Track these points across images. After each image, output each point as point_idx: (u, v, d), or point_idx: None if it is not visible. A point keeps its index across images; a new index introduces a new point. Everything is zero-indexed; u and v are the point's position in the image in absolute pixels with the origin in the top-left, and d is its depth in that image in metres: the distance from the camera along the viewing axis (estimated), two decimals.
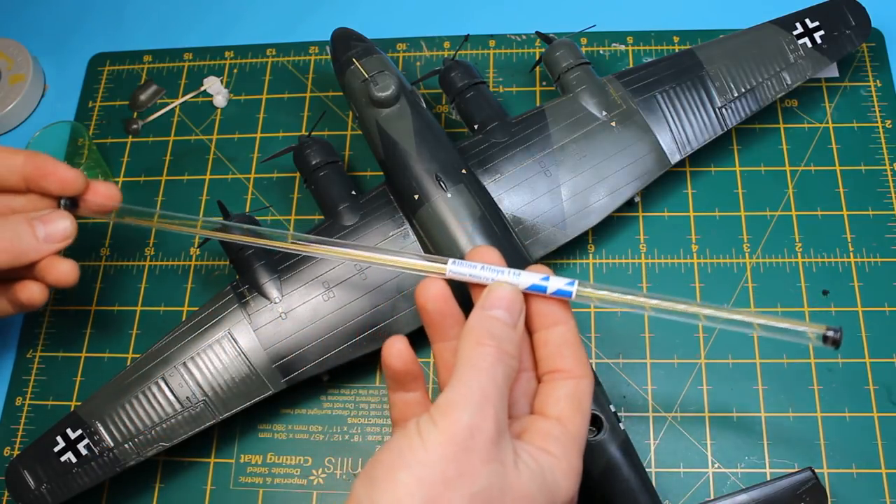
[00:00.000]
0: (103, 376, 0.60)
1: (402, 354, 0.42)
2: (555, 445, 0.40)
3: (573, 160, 0.59)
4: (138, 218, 0.52)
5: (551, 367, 0.42)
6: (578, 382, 0.42)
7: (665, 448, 0.55)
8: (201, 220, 0.51)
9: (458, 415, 0.37)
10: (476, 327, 0.40)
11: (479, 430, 0.36)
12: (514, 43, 0.70)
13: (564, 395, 0.41)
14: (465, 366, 0.39)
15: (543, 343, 0.43)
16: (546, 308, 0.43)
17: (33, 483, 0.53)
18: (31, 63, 0.72)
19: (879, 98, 0.65)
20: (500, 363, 0.39)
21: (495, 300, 0.41)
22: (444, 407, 0.37)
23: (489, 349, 0.39)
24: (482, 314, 0.41)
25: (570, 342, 0.42)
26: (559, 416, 0.41)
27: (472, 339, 0.40)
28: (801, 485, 0.49)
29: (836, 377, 0.56)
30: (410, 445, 0.36)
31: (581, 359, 0.42)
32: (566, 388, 0.41)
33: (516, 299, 0.42)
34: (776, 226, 0.61)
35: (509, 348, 0.40)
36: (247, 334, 0.55)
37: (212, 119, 0.70)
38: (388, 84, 0.57)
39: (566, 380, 0.42)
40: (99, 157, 0.67)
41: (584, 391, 0.42)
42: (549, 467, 0.39)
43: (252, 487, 0.57)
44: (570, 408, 0.41)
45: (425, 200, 0.55)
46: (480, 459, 0.36)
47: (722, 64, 0.61)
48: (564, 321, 0.43)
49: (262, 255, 0.57)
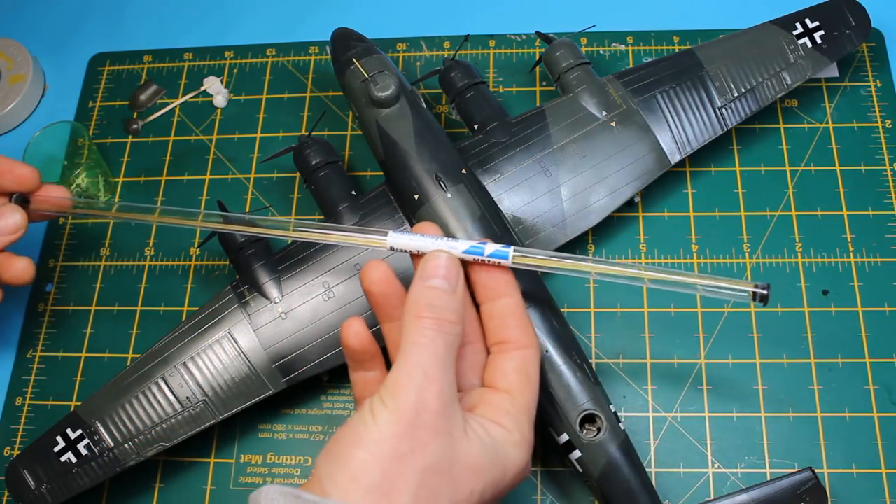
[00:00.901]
0: (103, 376, 0.60)
1: (359, 335, 0.44)
2: (506, 418, 0.41)
3: (573, 160, 0.59)
4: (96, 210, 0.54)
5: (498, 339, 0.44)
6: (525, 353, 0.43)
7: (665, 448, 0.55)
8: (159, 209, 0.52)
9: (403, 394, 0.38)
10: (415, 300, 0.41)
11: (424, 406, 0.38)
12: (514, 43, 0.70)
13: (512, 368, 0.43)
14: (406, 343, 0.40)
15: (489, 316, 0.44)
16: (490, 281, 0.44)
17: (33, 483, 0.53)
18: (31, 63, 0.72)
19: (879, 98, 0.65)
20: (440, 333, 0.40)
21: (432, 269, 0.42)
22: (391, 387, 0.39)
23: (428, 321, 0.40)
24: (420, 285, 0.42)
25: (515, 313, 0.44)
26: (508, 388, 0.42)
27: (411, 314, 0.41)
28: (801, 485, 0.49)
29: (836, 377, 0.56)
30: (365, 424, 0.38)
31: (526, 329, 0.44)
32: (514, 360, 0.43)
33: (452, 265, 0.42)
34: (776, 226, 0.61)
35: (449, 316, 0.41)
36: (247, 334, 0.55)
37: (212, 119, 0.70)
38: (388, 84, 0.57)
39: (513, 351, 0.43)
40: (99, 157, 0.67)
41: (531, 362, 0.43)
42: (500, 439, 0.41)
43: (252, 487, 0.57)
44: (519, 380, 0.43)
45: (425, 200, 0.55)
46: (429, 434, 0.38)
47: (722, 64, 0.61)
48: (508, 293, 0.44)
49: (262, 255, 0.57)
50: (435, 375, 0.39)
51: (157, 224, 0.55)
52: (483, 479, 0.40)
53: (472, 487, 0.39)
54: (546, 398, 0.51)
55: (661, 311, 0.59)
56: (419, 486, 0.37)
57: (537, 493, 0.55)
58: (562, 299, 0.59)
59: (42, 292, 0.65)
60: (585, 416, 0.50)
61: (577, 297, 0.60)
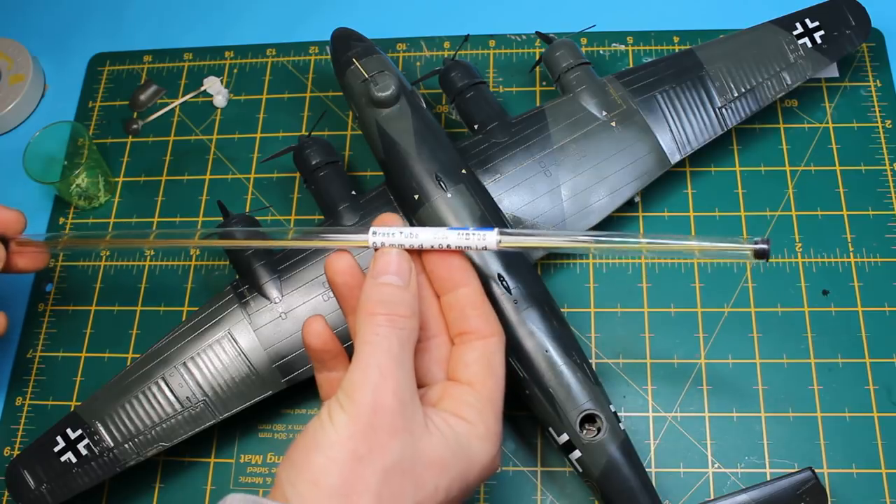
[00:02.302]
0: (103, 376, 0.60)
1: (320, 334, 0.43)
2: (468, 411, 0.41)
3: (573, 160, 0.59)
4: (86, 240, 0.54)
5: (460, 330, 0.43)
6: (487, 343, 0.42)
7: (665, 448, 0.55)
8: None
9: (358, 395, 0.38)
10: (367, 298, 0.41)
11: (380, 406, 0.38)
12: (514, 43, 0.70)
13: (474, 359, 0.42)
14: (360, 342, 0.40)
15: (449, 307, 0.43)
16: (446, 271, 0.43)
17: (33, 483, 0.53)
18: (31, 63, 0.72)
19: (879, 98, 0.65)
20: (394, 330, 0.39)
21: (382, 266, 0.42)
22: (346, 388, 0.38)
23: (381, 318, 0.40)
24: (371, 283, 0.41)
25: (474, 303, 0.43)
26: (470, 381, 0.42)
27: (364, 312, 0.40)
28: (801, 485, 0.49)
29: (836, 377, 0.56)
30: (323, 428, 0.38)
31: (487, 317, 0.43)
32: (476, 350, 0.42)
33: (403, 260, 0.42)
34: (776, 226, 0.61)
35: (402, 310, 0.40)
36: (247, 334, 0.55)
37: (212, 119, 0.70)
38: (388, 84, 0.57)
39: (474, 341, 0.42)
40: (99, 157, 0.67)
41: (493, 351, 0.43)
42: (463, 433, 0.40)
43: (252, 487, 0.57)
44: (482, 371, 0.42)
45: (425, 200, 0.55)
46: (387, 433, 0.38)
47: (722, 64, 0.61)
48: (466, 282, 0.43)
49: (262, 255, 0.57)
50: (390, 373, 0.38)
51: (151, 247, 0.55)
52: (447, 474, 0.39)
53: (436, 484, 0.39)
54: (546, 398, 0.51)
55: (661, 311, 0.59)
56: (380, 486, 0.37)
57: (537, 493, 0.55)
58: (562, 299, 0.59)
59: (42, 292, 0.65)
60: (585, 416, 0.50)
61: (577, 297, 0.60)
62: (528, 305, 0.52)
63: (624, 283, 0.60)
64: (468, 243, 0.42)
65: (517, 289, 0.52)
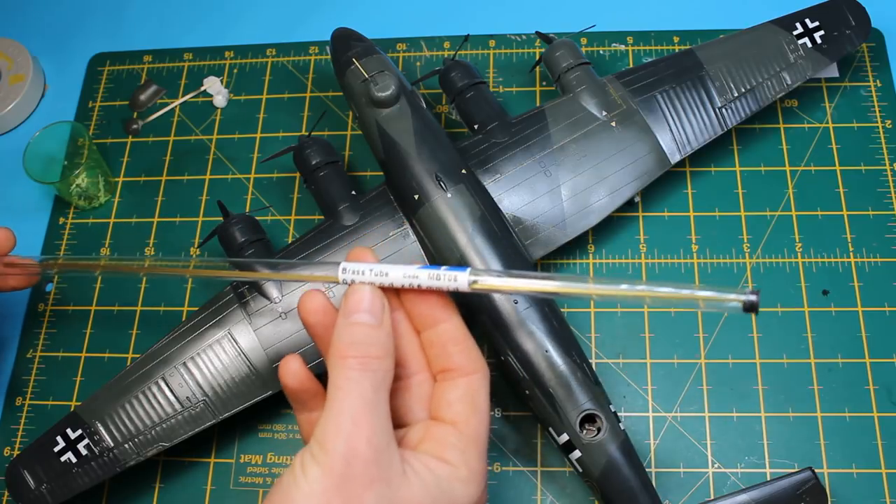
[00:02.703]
0: (103, 376, 0.60)
1: (297, 374, 0.41)
2: (451, 452, 0.39)
3: (573, 160, 0.59)
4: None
5: (441, 367, 0.41)
6: (470, 380, 0.40)
7: (665, 448, 0.55)
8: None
9: (331, 445, 0.36)
10: (337, 339, 0.38)
11: (354, 455, 0.36)
12: (514, 43, 0.70)
13: (457, 397, 0.40)
14: (332, 387, 0.37)
15: (429, 344, 0.41)
16: (425, 309, 0.41)
17: (33, 483, 0.53)
18: (31, 63, 0.72)
19: (879, 98, 0.65)
20: (366, 373, 0.37)
21: (354, 304, 0.39)
22: (319, 437, 0.36)
23: (353, 360, 0.38)
24: (343, 323, 0.39)
25: (455, 339, 0.41)
26: (454, 420, 0.40)
27: (335, 354, 0.38)
28: (801, 485, 0.49)
29: (836, 377, 0.56)
30: (296, 483, 0.36)
31: (469, 353, 0.41)
32: (458, 388, 0.40)
33: (376, 297, 0.39)
34: (776, 226, 0.61)
35: (375, 351, 0.38)
36: (247, 334, 0.55)
37: (212, 119, 0.70)
38: (388, 84, 0.57)
39: (457, 378, 0.40)
40: (99, 157, 0.67)
41: (477, 388, 0.40)
42: (445, 477, 0.38)
43: (252, 487, 0.57)
44: (465, 409, 0.40)
45: (425, 200, 0.55)
46: (362, 484, 0.36)
47: (722, 64, 0.61)
48: (446, 318, 0.41)
49: (262, 255, 0.57)
50: (363, 421, 0.36)
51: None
52: None
53: None
54: (546, 398, 0.51)
55: (661, 311, 0.59)
56: None
57: (537, 493, 0.55)
58: (562, 299, 0.59)
59: (42, 292, 0.65)
60: (585, 416, 0.50)
61: None
62: (528, 305, 0.52)
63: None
64: (438, 284, 0.40)
65: None
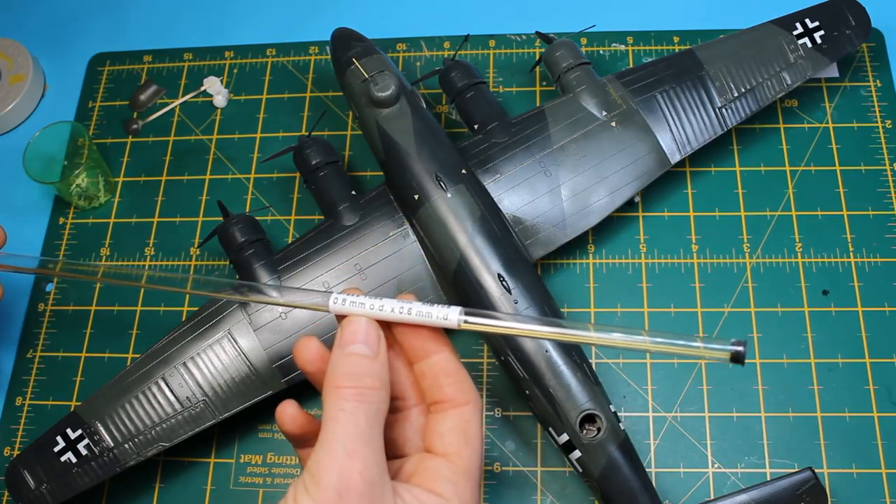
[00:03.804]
0: (103, 376, 0.60)
1: (295, 419, 0.41)
2: (443, 485, 0.39)
3: (573, 160, 0.59)
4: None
5: (434, 399, 0.41)
6: (461, 412, 0.40)
7: (665, 448, 0.55)
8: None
9: (324, 478, 0.36)
10: (333, 370, 0.39)
11: (346, 489, 0.35)
12: (514, 43, 0.70)
13: (449, 429, 0.40)
14: (326, 418, 0.37)
15: (422, 375, 0.41)
16: (417, 341, 0.41)
17: (33, 483, 0.53)
18: (31, 63, 0.72)
19: (879, 98, 0.65)
20: (361, 404, 0.37)
21: (349, 335, 0.39)
22: (312, 469, 0.36)
23: (347, 391, 0.38)
24: (339, 353, 0.39)
25: (447, 370, 0.40)
26: (446, 452, 0.40)
27: (330, 384, 0.38)
28: (801, 485, 0.49)
29: (836, 377, 0.56)
30: None
31: (461, 385, 0.40)
32: (450, 420, 0.40)
33: (372, 328, 0.40)
34: (776, 226, 0.61)
35: (370, 382, 0.38)
36: (247, 334, 0.55)
37: (212, 119, 0.70)
38: (388, 84, 0.57)
39: (449, 410, 0.40)
40: (99, 157, 0.67)
41: (468, 420, 0.40)
42: None
43: (252, 487, 0.57)
44: (457, 441, 0.40)
45: (425, 200, 0.55)
46: None
47: (722, 64, 0.61)
48: (437, 350, 0.41)
49: (262, 255, 0.57)
50: (356, 452, 0.36)
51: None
52: None
53: None
54: (546, 398, 0.51)
55: (661, 311, 0.59)
56: None
57: (537, 493, 0.55)
58: (562, 299, 0.59)
59: (42, 292, 0.65)
60: (585, 416, 0.50)
61: (577, 297, 0.60)
62: (527, 305, 0.52)
63: (624, 283, 0.60)
64: (430, 321, 0.40)
65: (517, 289, 0.52)
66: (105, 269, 0.47)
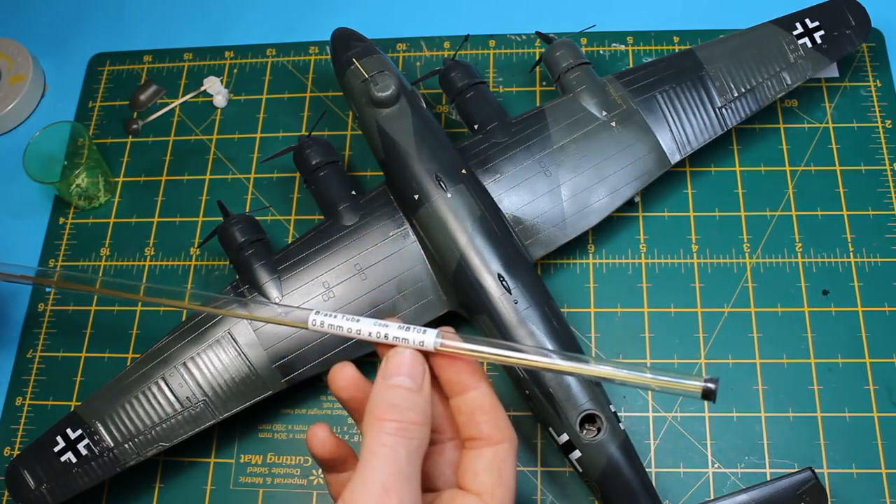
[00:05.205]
0: (103, 376, 0.60)
1: (325, 444, 0.41)
2: None
3: (573, 160, 0.59)
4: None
5: (468, 435, 0.40)
6: (497, 450, 0.40)
7: (665, 448, 0.55)
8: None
9: None
10: (376, 401, 0.38)
11: None
12: (514, 43, 0.70)
13: (483, 468, 0.39)
14: (365, 451, 0.37)
15: (458, 411, 0.41)
16: (454, 375, 0.40)
17: (33, 483, 0.53)
18: (31, 63, 0.72)
19: (879, 98, 0.65)
20: (402, 439, 0.37)
21: (394, 367, 0.39)
22: (348, 502, 0.36)
23: (390, 424, 0.37)
24: (382, 384, 0.39)
25: (483, 407, 0.40)
26: (479, 491, 0.39)
27: (372, 416, 0.38)
28: (801, 485, 0.49)
29: (836, 377, 0.56)
30: None
31: (497, 423, 0.40)
32: (484, 458, 0.40)
33: (416, 361, 0.39)
34: (776, 226, 0.61)
35: (413, 417, 0.38)
36: (247, 334, 0.55)
37: (212, 119, 0.70)
38: (388, 84, 0.57)
39: (484, 448, 0.40)
40: (99, 157, 0.67)
41: (503, 458, 0.40)
42: None
43: (252, 487, 0.57)
44: (491, 480, 0.39)
45: (425, 200, 0.55)
46: None
47: (722, 64, 0.61)
48: (474, 386, 0.40)
49: (262, 255, 0.57)
50: (393, 489, 0.36)
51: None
52: None
53: None
54: (546, 398, 0.51)
55: (661, 311, 0.59)
56: None
57: (537, 493, 0.55)
58: (562, 299, 0.59)
59: (42, 293, 0.65)
60: (585, 416, 0.50)
61: (577, 297, 0.60)
62: (527, 305, 0.52)
63: (624, 283, 0.60)
64: (406, 335, 0.40)
65: (517, 289, 0.52)
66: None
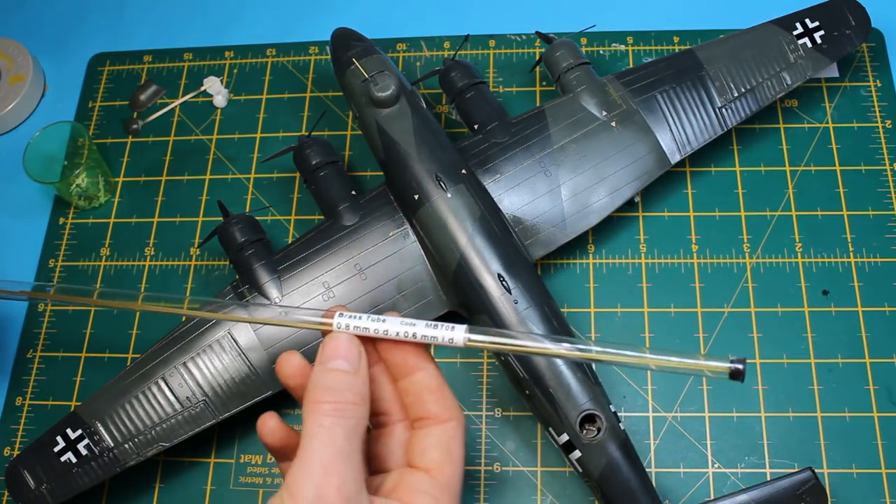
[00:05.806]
0: (103, 376, 0.60)
1: (275, 432, 0.41)
2: (423, 499, 0.39)
3: (573, 160, 0.59)
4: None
5: (417, 415, 0.41)
6: (445, 427, 0.40)
7: (665, 448, 0.55)
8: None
9: (300, 493, 0.36)
10: (314, 385, 0.39)
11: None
12: (514, 43, 0.70)
13: (431, 444, 0.40)
14: (305, 434, 0.37)
15: (405, 392, 0.41)
16: (400, 358, 0.41)
17: (33, 483, 0.53)
18: (31, 63, 0.72)
19: (879, 98, 0.65)
20: (339, 419, 0.37)
21: (330, 351, 0.39)
22: (290, 485, 0.36)
23: (327, 406, 0.38)
24: (319, 369, 0.39)
25: (430, 387, 0.41)
26: (427, 467, 0.40)
27: (309, 399, 0.38)
28: (801, 485, 0.49)
29: (836, 377, 0.56)
30: None
31: (445, 402, 0.41)
32: (433, 435, 0.40)
33: (352, 344, 0.40)
34: (776, 226, 0.61)
35: (351, 397, 0.38)
36: (247, 334, 0.55)
37: (212, 119, 0.70)
38: (388, 84, 0.57)
39: (432, 426, 0.40)
40: (99, 157, 0.67)
41: (451, 436, 0.40)
42: None
43: (252, 487, 0.57)
44: (439, 456, 0.40)
45: (425, 200, 0.55)
46: None
47: (722, 64, 0.61)
48: (421, 367, 0.41)
49: (262, 255, 0.57)
50: (334, 468, 0.36)
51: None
52: None
53: None
54: (546, 398, 0.51)
55: (661, 311, 0.59)
56: None
57: (537, 493, 0.55)
58: (562, 299, 0.59)
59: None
60: (585, 416, 0.50)
61: (577, 297, 0.60)
62: (527, 305, 0.52)
63: (624, 283, 0.60)
64: (435, 333, 0.40)
65: (517, 289, 0.52)
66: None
